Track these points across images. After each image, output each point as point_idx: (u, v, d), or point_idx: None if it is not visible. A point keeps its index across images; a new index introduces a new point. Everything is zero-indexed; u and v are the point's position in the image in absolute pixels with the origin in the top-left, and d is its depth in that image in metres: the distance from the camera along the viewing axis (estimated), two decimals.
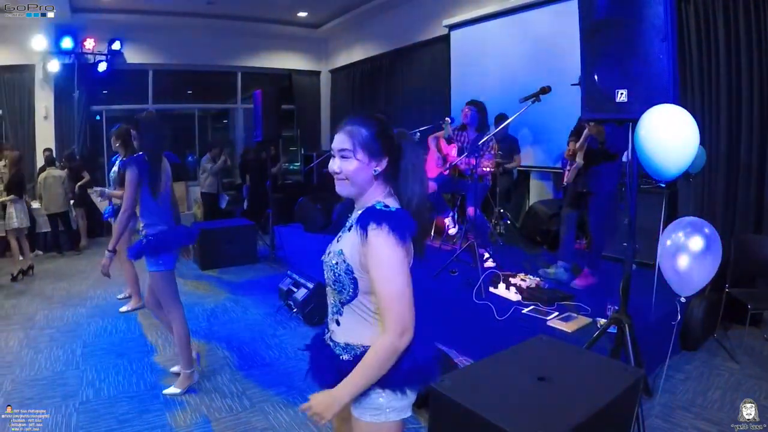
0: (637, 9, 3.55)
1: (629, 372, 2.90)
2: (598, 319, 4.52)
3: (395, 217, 1.92)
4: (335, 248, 2.06)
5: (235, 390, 4.57)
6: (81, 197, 10.37)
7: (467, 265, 6.05)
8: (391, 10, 12.08)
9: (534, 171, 8.95)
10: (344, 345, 2.09)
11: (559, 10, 7.91)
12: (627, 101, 3.60)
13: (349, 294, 2.02)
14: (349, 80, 14.39)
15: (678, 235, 3.63)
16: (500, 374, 2.87)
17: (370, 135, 2.01)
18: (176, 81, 14.23)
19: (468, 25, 9.90)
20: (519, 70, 8.63)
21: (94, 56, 11.91)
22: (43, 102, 11.84)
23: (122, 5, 11.72)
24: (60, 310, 6.74)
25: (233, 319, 6.39)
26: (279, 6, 12.50)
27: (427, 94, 11.18)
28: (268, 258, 9.09)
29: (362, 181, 2.03)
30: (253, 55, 14.39)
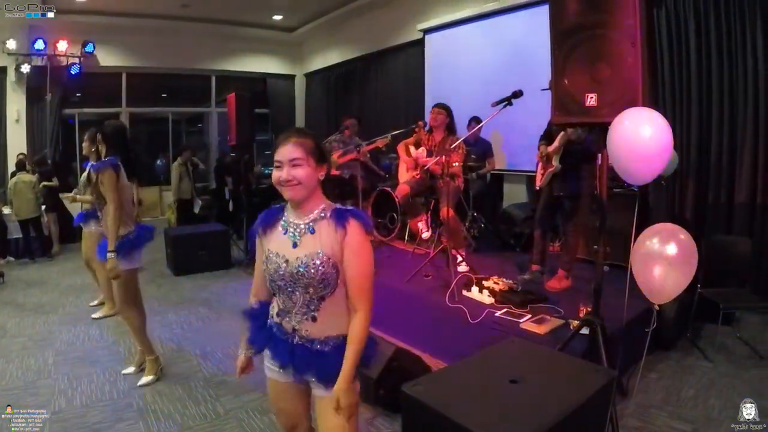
0: (607, 14, 3.58)
1: (601, 373, 2.93)
2: (570, 321, 4.53)
3: (360, 213, 2.27)
4: (309, 251, 2.23)
5: (208, 397, 4.52)
6: (52, 202, 10.25)
7: (441, 269, 6.06)
8: (366, 14, 12.11)
9: (507, 174, 8.99)
10: (324, 338, 2.30)
11: (532, 14, 7.99)
12: (596, 105, 3.63)
13: (332, 288, 2.25)
14: (323, 84, 14.42)
15: (652, 242, 3.65)
16: (473, 377, 2.89)
17: (315, 146, 2.27)
18: (150, 84, 14.17)
19: (443, 29, 9.97)
20: (492, 74, 8.69)
21: (67, 59, 11.79)
22: (14, 105, 11.71)
23: (96, 7, 11.62)
24: (31, 317, 6.65)
25: (207, 325, 6.34)
26: (254, 9, 12.49)
27: (401, 97, 11.23)
28: (241, 263, 9.03)
29: (312, 185, 2.25)
30: (228, 58, 14.38)
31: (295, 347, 2.33)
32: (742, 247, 5.41)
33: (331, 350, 2.28)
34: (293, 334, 2.34)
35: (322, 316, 2.27)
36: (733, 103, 6.05)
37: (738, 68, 6.00)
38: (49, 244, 10.42)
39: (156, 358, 4.64)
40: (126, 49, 12.95)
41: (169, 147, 14.14)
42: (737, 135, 6.08)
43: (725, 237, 5.84)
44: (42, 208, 10.07)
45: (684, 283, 3.66)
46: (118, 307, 4.56)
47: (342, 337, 2.28)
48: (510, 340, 3.45)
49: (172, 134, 14.59)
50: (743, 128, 6.01)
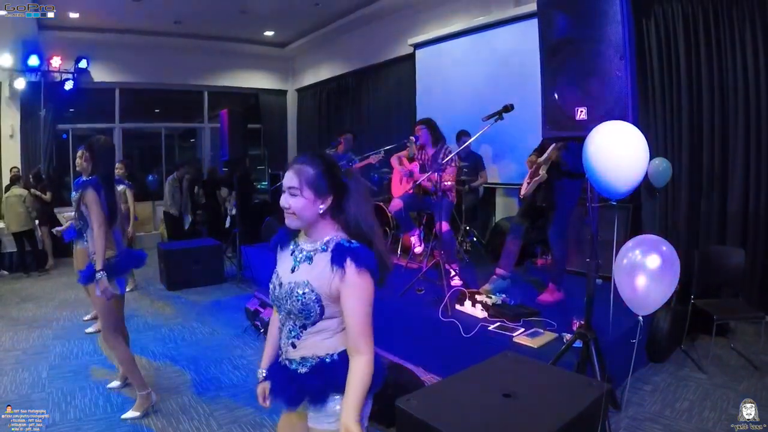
0: (596, 28, 3.61)
1: (594, 386, 2.92)
2: (563, 335, 4.54)
3: (363, 252, 2.09)
4: (298, 279, 2.17)
5: (202, 412, 4.51)
6: (46, 216, 10.25)
7: (433, 283, 6.06)
8: (357, 30, 12.15)
9: (499, 188, 9.01)
10: (300, 359, 2.21)
11: (521, 28, 8.02)
12: (587, 119, 3.65)
13: (314, 320, 2.15)
14: (315, 99, 14.44)
15: (634, 254, 3.67)
16: (466, 392, 2.88)
17: (315, 174, 2.13)
18: (143, 100, 14.13)
19: (433, 43, 9.99)
20: (483, 88, 8.71)
21: (61, 74, 11.80)
22: (9, 120, 11.68)
23: (89, 23, 11.64)
24: (26, 331, 6.64)
25: (200, 340, 6.32)
26: (246, 25, 12.51)
27: (393, 112, 11.27)
28: (235, 278, 9.05)
29: (308, 217, 2.16)
30: (220, 74, 14.38)
31: (281, 368, 2.31)
32: (736, 258, 5.41)
33: (306, 373, 2.20)
34: (282, 353, 2.31)
35: (300, 344, 2.21)
36: (724, 113, 6.08)
37: (728, 77, 6.03)
38: (44, 258, 10.43)
39: (148, 394, 4.46)
40: (119, 65, 12.94)
41: (162, 162, 14.11)
42: (729, 145, 6.09)
43: (719, 247, 5.85)
44: (35, 222, 10.09)
45: (667, 294, 3.66)
46: (103, 335, 4.46)
47: (318, 359, 2.19)
48: (503, 354, 3.44)
49: (165, 149, 14.59)
50: (735, 138, 6.03)
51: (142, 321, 7.00)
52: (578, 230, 6.48)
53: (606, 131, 3.40)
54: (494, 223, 8.64)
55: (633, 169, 3.43)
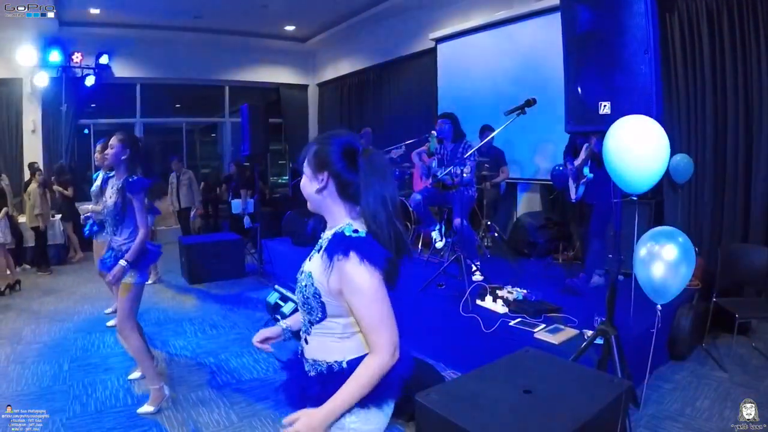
0: (619, 21, 3.58)
1: (615, 383, 2.91)
2: (585, 331, 4.51)
3: (363, 243, 1.91)
4: (305, 270, 2.06)
5: (222, 404, 4.54)
6: (69, 212, 10.36)
7: (454, 278, 6.04)
8: (378, 24, 12.11)
9: (521, 183, 8.97)
10: (312, 361, 2.08)
11: (543, 22, 7.96)
12: (610, 113, 3.62)
13: (317, 316, 2.01)
14: (336, 94, 14.44)
15: (652, 244, 3.65)
16: (486, 387, 2.87)
17: (315, 150, 2.03)
18: (164, 95, 14.25)
19: (454, 38, 9.93)
20: (505, 83, 8.66)
21: (82, 70, 11.91)
22: (30, 116, 11.79)
23: (110, 19, 11.69)
24: (47, 325, 6.71)
25: (221, 333, 6.36)
26: (266, 20, 12.52)
27: (414, 107, 11.21)
28: (256, 272, 9.08)
29: (309, 195, 2.06)
30: (241, 68, 14.41)
31: (297, 361, 2.20)
32: (759, 256, 5.33)
33: (313, 377, 2.07)
34: (301, 346, 2.18)
35: (311, 340, 2.07)
36: (749, 109, 5.99)
37: (753, 73, 5.93)
38: (66, 252, 10.60)
39: (160, 387, 4.48)
40: (140, 61, 13.03)
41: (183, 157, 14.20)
42: (753, 141, 6.00)
43: (742, 245, 5.78)
44: (57, 217, 10.22)
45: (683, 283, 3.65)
46: (119, 323, 4.42)
47: (326, 365, 2.03)
48: (524, 350, 3.43)
49: (186, 144, 14.67)
50: (759, 135, 5.95)
51: (163, 314, 7.05)
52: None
53: (626, 126, 3.37)
54: (516, 218, 8.58)
55: (653, 164, 3.40)
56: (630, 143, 3.35)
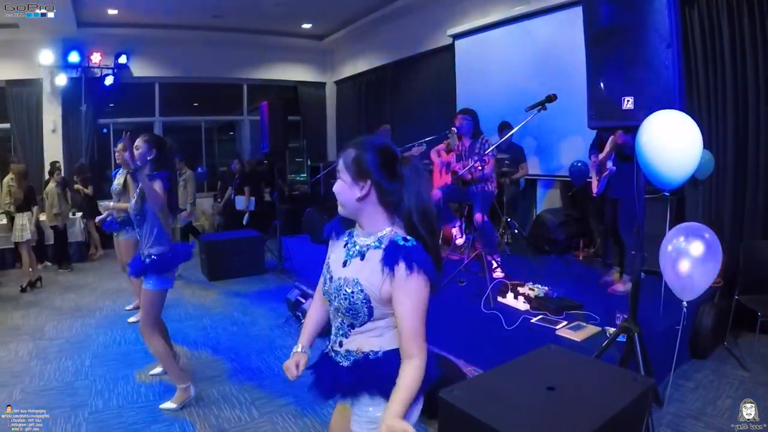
0: (641, 16, 3.55)
1: (639, 381, 2.89)
2: (607, 328, 4.49)
3: (418, 252, 1.97)
4: (348, 276, 2.07)
5: (243, 400, 4.57)
6: (90, 210, 10.45)
7: (475, 275, 6.04)
8: (395, 21, 12.10)
9: (541, 179, 8.92)
10: (345, 352, 2.13)
11: (563, 17, 7.91)
12: (633, 108, 3.59)
13: (363, 320, 2.07)
14: (354, 91, 14.43)
15: (678, 240, 3.63)
16: (509, 384, 2.87)
17: (355, 157, 2.05)
18: (183, 93, 14.32)
19: (472, 34, 9.87)
20: (524, 78, 8.59)
21: (101, 70, 12.02)
22: (51, 115, 11.92)
23: (128, 19, 11.78)
24: (69, 321, 6.77)
25: (241, 330, 6.39)
26: (283, 18, 12.54)
27: (432, 103, 11.16)
28: (275, 269, 9.09)
29: (346, 202, 2.09)
30: (259, 67, 14.44)
31: (326, 357, 2.24)
32: None
33: (350, 366, 2.12)
34: (331, 344, 2.23)
35: (349, 342, 2.13)
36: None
37: None
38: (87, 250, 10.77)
39: (187, 387, 4.50)
40: (158, 60, 13.11)
41: (202, 155, 14.23)
42: None
43: (764, 242, 5.71)
44: (77, 215, 10.35)
45: (710, 279, 3.64)
46: (141, 327, 4.45)
47: (362, 354, 2.10)
48: (546, 347, 3.41)
49: (205, 143, 14.74)
50: None
51: (184, 311, 7.10)
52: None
53: (660, 120, 3.35)
54: (536, 215, 8.55)
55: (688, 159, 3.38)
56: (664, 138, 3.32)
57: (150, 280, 4.29)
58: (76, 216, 10.59)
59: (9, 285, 8.57)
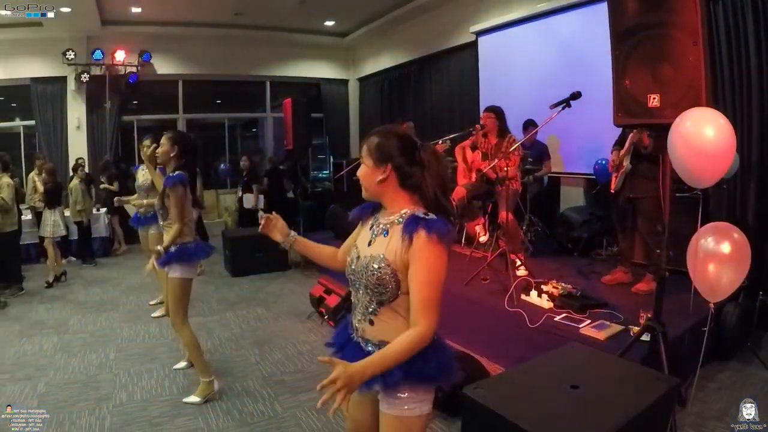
0: (667, 13, 3.53)
1: (663, 380, 2.88)
2: (631, 327, 4.46)
3: (440, 224, 2.02)
4: (374, 253, 2.13)
5: (266, 395, 4.59)
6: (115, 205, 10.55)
7: (499, 273, 6.03)
8: (417, 18, 12.09)
9: (564, 177, 8.89)
10: (378, 342, 2.15)
11: (586, 14, 7.87)
12: (659, 106, 3.57)
13: (390, 295, 2.09)
14: (377, 88, 14.44)
15: (707, 241, 3.60)
16: (533, 382, 2.87)
17: (377, 143, 2.16)
18: (206, 91, 14.42)
19: (495, 30, 9.84)
20: (548, 75, 8.57)
21: (125, 67, 12.15)
22: (75, 112, 12.10)
23: (151, 17, 11.92)
24: (93, 315, 6.86)
25: (264, 325, 6.42)
26: (306, 16, 12.57)
27: (455, 101, 11.15)
28: (298, 265, 9.10)
29: (369, 185, 2.20)
30: (282, 64, 14.51)
31: (354, 345, 2.26)
32: None
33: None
34: (355, 332, 2.26)
35: (379, 321, 2.14)
36: None
37: None
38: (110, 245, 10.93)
39: (211, 381, 4.54)
40: (181, 57, 13.23)
41: (225, 152, 14.29)
42: None
43: None
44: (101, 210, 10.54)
45: (738, 280, 3.61)
46: (171, 318, 4.53)
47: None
48: (570, 345, 3.41)
49: (228, 139, 14.84)
50: None
51: (208, 306, 7.17)
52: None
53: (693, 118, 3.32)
54: (559, 213, 8.49)
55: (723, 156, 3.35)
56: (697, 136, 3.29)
57: (175, 270, 4.35)
58: (101, 212, 10.71)
59: (34, 279, 8.67)
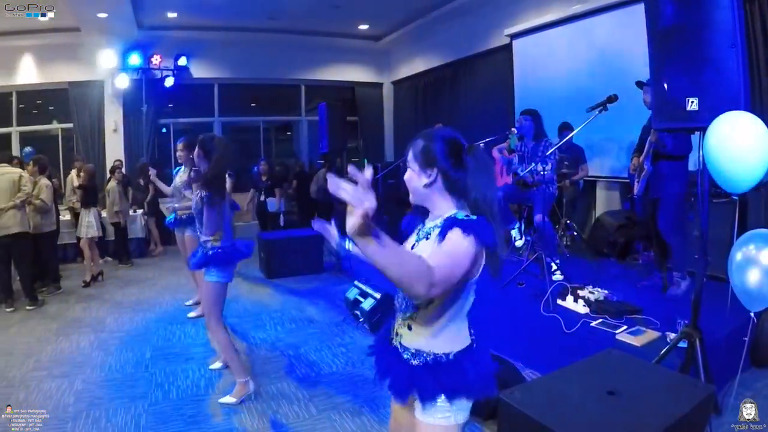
0: (704, 15, 3.50)
1: (700, 388, 2.86)
2: (667, 334, 4.42)
3: (473, 222, 1.98)
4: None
5: (301, 396, 4.61)
6: (152, 207, 10.73)
7: (535, 277, 6.00)
8: (451, 21, 12.08)
9: (600, 181, 8.80)
10: (414, 351, 2.15)
11: (621, 16, 7.81)
12: (698, 110, 3.53)
13: (427, 300, 2.05)
14: (411, 92, 14.46)
15: (749, 249, 3.54)
16: (570, 387, 2.86)
17: (423, 147, 2.15)
18: (241, 94, 14.63)
19: (530, 33, 9.81)
20: (583, 78, 8.51)
21: (161, 71, 12.36)
22: (112, 116, 12.37)
23: (187, 22, 12.10)
24: (130, 314, 6.95)
25: (299, 327, 6.45)
26: (340, 20, 12.67)
27: (490, 104, 11.11)
28: (333, 268, 9.12)
29: (415, 189, 2.18)
30: (316, 68, 14.60)
31: (391, 349, 2.26)
32: None
33: (419, 366, 2.13)
34: (395, 337, 2.26)
35: (416, 326, 2.14)
36: None
37: None
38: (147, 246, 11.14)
39: (246, 382, 4.57)
40: (217, 61, 13.41)
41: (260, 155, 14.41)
42: None
43: None
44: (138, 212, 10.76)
45: None
46: (206, 320, 4.58)
47: (433, 355, 2.11)
48: (607, 351, 3.39)
49: (264, 142, 14.99)
50: None
51: (242, 307, 7.22)
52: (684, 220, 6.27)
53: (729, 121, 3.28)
54: (595, 217, 8.43)
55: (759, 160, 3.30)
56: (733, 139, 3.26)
57: (212, 273, 4.38)
58: (137, 213, 10.87)
59: (71, 278, 8.80)
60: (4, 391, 4.74)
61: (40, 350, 5.73)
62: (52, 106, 12.87)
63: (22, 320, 6.76)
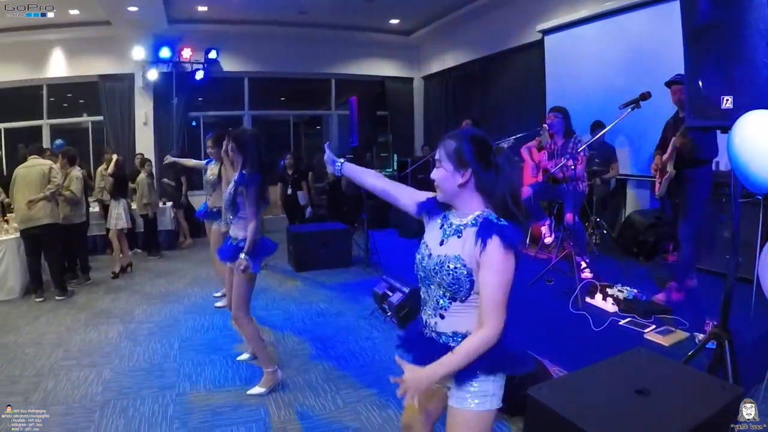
0: (740, 12, 3.43)
1: (728, 389, 2.84)
2: (696, 334, 4.39)
3: (511, 231, 2.10)
4: (449, 253, 2.21)
5: (328, 389, 4.65)
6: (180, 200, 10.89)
7: (564, 275, 5.98)
8: (483, 16, 12.04)
9: (631, 180, 8.72)
10: (452, 333, 2.26)
11: (655, 12, 7.73)
12: (733, 108, 3.48)
13: (465, 294, 2.18)
14: (441, 87, 14.39)
15: None
16: (598, 385, 2.86)
17: (456, 147, 2.21)
18: (271, 88, 14.66)
19: (562, 29, 9.72)
20: (616, 75, 8.42)
21: (191, 65, 12.45)
22: (142, 109, 12.49)
23: (217, 16, 12.20)
24: (158, 305, 7.05)
25: (327, 321, 6.48)
26: (371, 14, 12.66)
27: (521, 100, 11.05)
28: (362, 262, 9.15)
29: (448, 189, 2.25)
30: (346, 62, 14.62)
31: (426, 340, 2.34)
32: None
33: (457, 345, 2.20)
34: (426, 327, 2.34)
35: (450, 315, 2.24)
36: None
37: None
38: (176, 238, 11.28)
39: (275, 371, 4.65)
40: (247, 55, 13.48)
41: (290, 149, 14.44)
42: None
43: None
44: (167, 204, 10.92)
45: None
46: (234, 310, 4.62)
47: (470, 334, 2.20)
48: (636, 350, 3.36)
49: (293, 136, 15.04)
50: None
51: (271, 299, 7.29)
52: (711, 228, 6.19)
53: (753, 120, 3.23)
54: (625, 216, 8.35)
55: None
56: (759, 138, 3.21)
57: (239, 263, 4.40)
58: (167, 205, 11.01)
59: (100, 270, 8.95)
60: (33, 380, 4.83)
61: (68, 340, 5.83)
62: (82, 99, 13.03)
63: (51, 310, 6.87)
